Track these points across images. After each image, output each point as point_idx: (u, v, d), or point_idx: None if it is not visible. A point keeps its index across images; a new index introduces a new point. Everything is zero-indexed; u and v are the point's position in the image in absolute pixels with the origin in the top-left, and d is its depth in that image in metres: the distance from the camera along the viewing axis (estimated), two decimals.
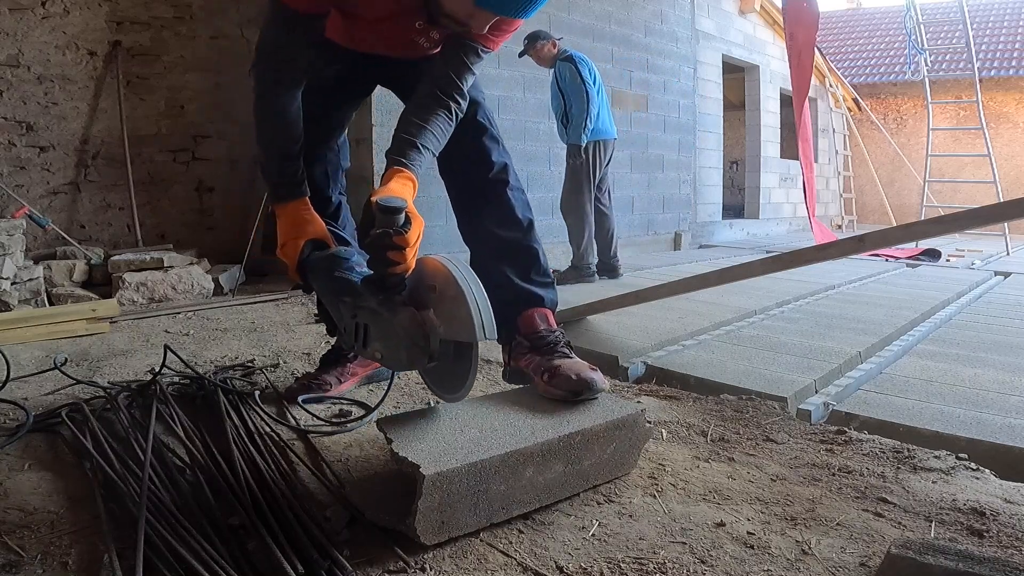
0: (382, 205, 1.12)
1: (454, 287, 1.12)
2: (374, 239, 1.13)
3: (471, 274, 1.15)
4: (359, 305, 1.22)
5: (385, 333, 1.18)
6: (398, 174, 1.26)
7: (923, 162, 7.65)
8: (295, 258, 1.36)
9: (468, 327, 1.10)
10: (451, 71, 1.37)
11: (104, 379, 1.81)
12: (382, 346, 1.20)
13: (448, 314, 1.14)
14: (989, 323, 3.09)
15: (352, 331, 1.25)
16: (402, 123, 1.37)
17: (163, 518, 1.01)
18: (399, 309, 1.16)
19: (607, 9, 5.44)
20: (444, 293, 1.14)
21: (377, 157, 3.79)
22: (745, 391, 1.88)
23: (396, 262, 1.14)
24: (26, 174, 3.74)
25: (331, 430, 1.49)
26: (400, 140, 1.33)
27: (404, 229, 1.13)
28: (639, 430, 1.27)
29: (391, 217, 1.12)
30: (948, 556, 0.90)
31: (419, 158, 1.31)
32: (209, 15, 4.23)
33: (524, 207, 1.58)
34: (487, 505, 1.06)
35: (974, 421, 1.70)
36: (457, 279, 1.12)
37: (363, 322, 1.22)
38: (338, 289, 1.28)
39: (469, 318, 1.09)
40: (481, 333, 1.09)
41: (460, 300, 1.11)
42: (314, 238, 1.38)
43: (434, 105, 1.36)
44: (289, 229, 1.39)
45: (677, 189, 6.40)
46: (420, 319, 1.15)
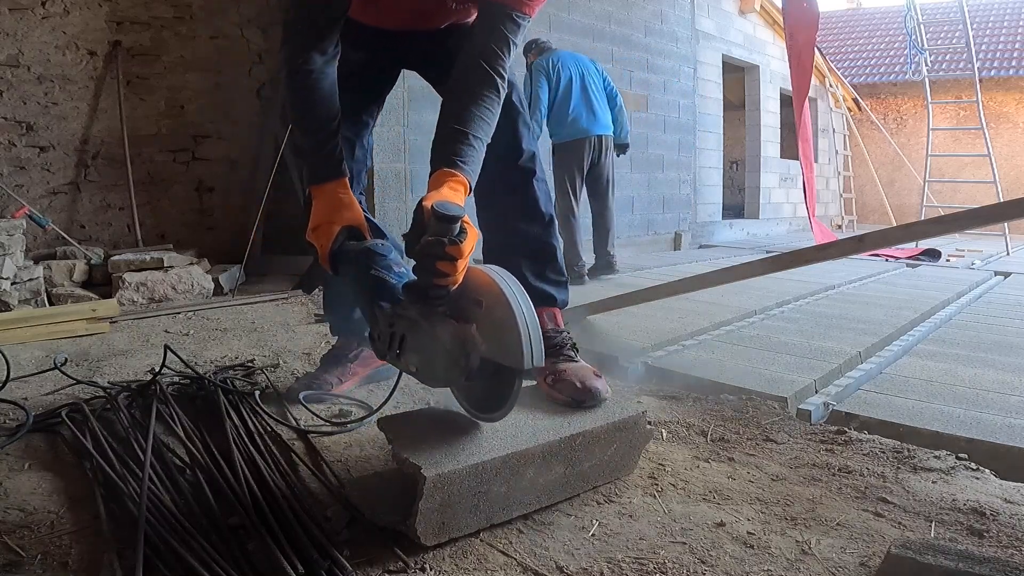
0: (439, 212, 1.03)
1: (504, 307, 1.05)
2: (425, 247, 1.05)
3: (522, 293, 1.07)
4: (398, 313, 1.14)
5: (423, 346, 1.11)
6: (451, 178, 1.18)
7: (923, 162, 7.65)
8: (328, 245, 1.27)
9: (516, 353, 1.03)
10: (491, 43, 1.28)
11: (104, 379, 1.81)
12: (418, 359, 1.13)
13: (494, 334, 1.07)
14: (989, 323, 3.09)
15: (387, 339, 1.17)
16: (447, 110, 1.28)
17: (163, 518, 1.01)
18: (441, 322, 1.08)
19: (607, 9, 5.44)
20: (492, 311, 1.07)
21: (378, 157, 3.79)
22: (745, 391, 1.88)
23: (446, 274, 1.06)
24: (26, 174, 3.74)
25: (331, 430, 1.49)
26: (449, 134, 1.23)
27: (459, 239, 1.05)
28: (640, 432, 1.27)
29: (447, 226, 1.04)
30: (948, 556, 0.90)
31: (472, 155, 1.22)
32: (209, 15, 4.23)
33: (547, 200, 1.56)
34: (487, 506, 1.06)
35: (974, 421, 1.69)
36: (508, 298, 1.05)
37: (400, 332, 1.14)
38: (375, 290, 1.21)
39: (518, 344, 1.03)
40: (530, 361, 1.03)
41: (510, 323, 1.04)
42: (350, 224, 1.29)
43: (479, 85, 1.26)
44: (324, 211, 1.30)
45: (677, 189, 6.40)
46: (462, 335, 1.08)
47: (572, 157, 4.08)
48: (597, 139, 4.11)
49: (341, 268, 1.29)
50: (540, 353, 1.04)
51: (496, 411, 1.11)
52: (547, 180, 1.57)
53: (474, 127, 1.23)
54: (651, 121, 6.00)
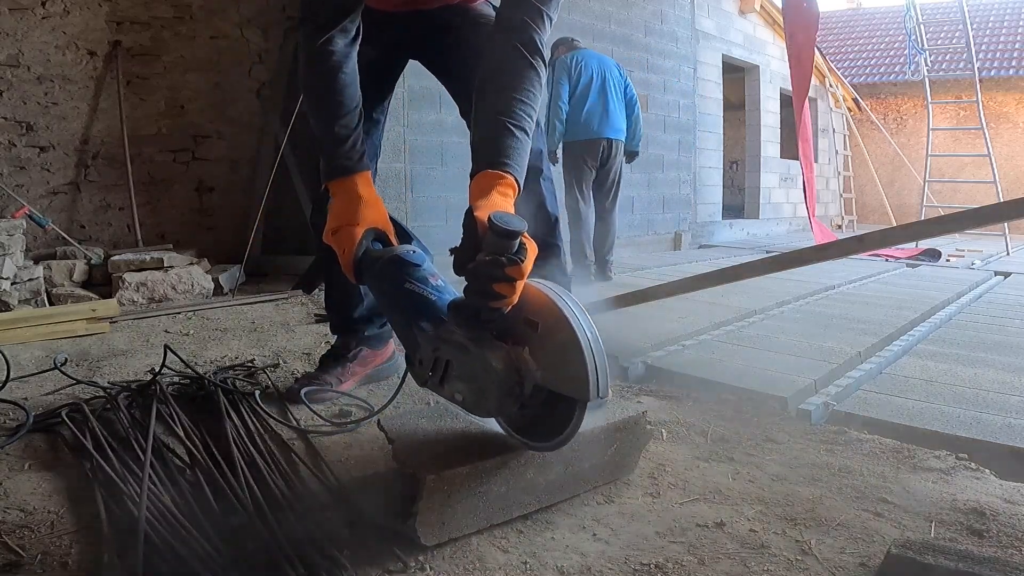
0: (499, 228, 0.92)
1: (566, 331, 0.94)
2: (482, 266, 0.94)
3: (584, 313, 0.96)
4: (442, 337, 1.03)
5: (472, 374, 1.00)
6: (499, 182, 1.05)
7: (923, 162, 7.65)
8: (352, 251, 1.15)
9: (580, 383, 0.93)
10: (524, 16, 1.15)
11: (104, 379, 1.81)
12: (465, 387, 1.02)
13: (552, 360, 0.97)
14: (989, 323, 3.09)
15: (429, 364, 1.06)
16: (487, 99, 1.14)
17: (163, 518, 1.01)
18: (492, 348, 0.98)
19: (607, 9, 5.44)
20: (550, 334, 0.96)
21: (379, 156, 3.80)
22: (745, 391, 1.88)
23: (503, 296, 0.95)
24: (26, 174, 3.74)
25: (331, 430, 1.49)
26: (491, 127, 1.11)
27: (520, 258, 0.94)
28: (640, 432, 1.27)
29: (507, 242, 0.93)
30: (948, 556, 0.90)
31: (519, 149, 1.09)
32: (209, 15, 4.23)
33: (553, 200, 1.52)
34: (487, 506, 1.06)
35: (974, 421, 1.69)
36: (570, 321, 0.94)
37: (446, 357, 1.03)
38: (413, 309, 1.09)
39: (583, 373, 0.92)
40: (595, 391, 0.92)
41: (573, 348, 0.93)
42: (373, 227, 1.17)
43: (519, 68, 1.13)
44: (345, 210, 1.18)
45: (677, 189, 6.40)
46: (516, 362, 0.98)
47: (581, 156, 4.07)
48: (607, 142, 4.09)
49: (367, 278, 1.17)
50: (606, 382, 0.94)
51: (551, 440, 1.02)
52: (553, 179, 1.55)
53: (518, 116, 1.11)
54: (651, 121, 6.00)
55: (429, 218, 3.97)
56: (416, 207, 3.97)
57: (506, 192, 1.06)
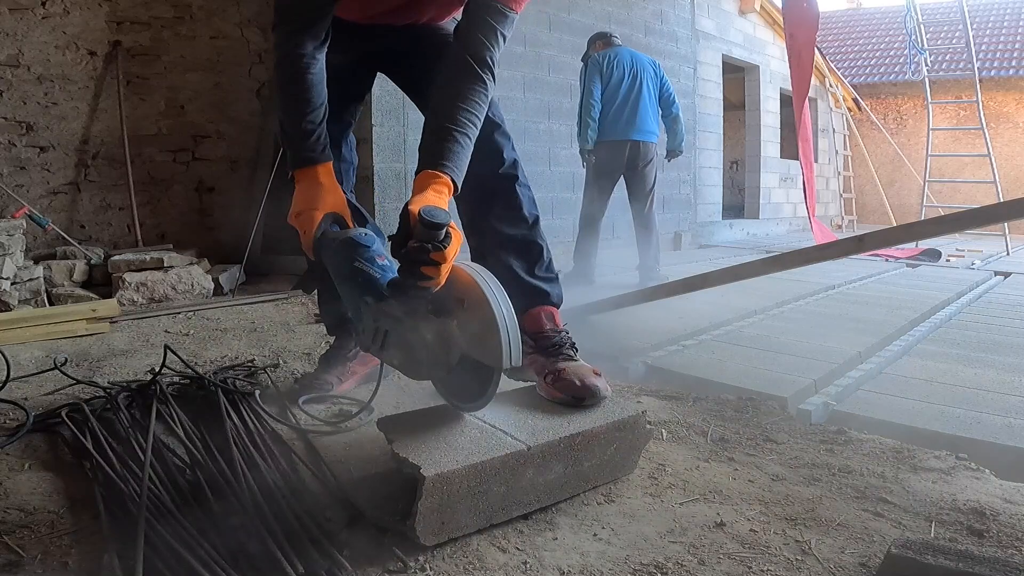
0: (426, 219, 1.06)
1: (485, 308, 1.08)
2: (411, 252, 1.08)
3: (502, 293, 1.11)
4: (382, 309, 1.18)
5: (407, 342, 1.15)
6: (435, 180, 1.19)
7: (923, 162, 7.65)
8: (311, 232, 1.29)
9: (496, 353, 1.08)
10: (480, 35, 1.28)
11: (104, 379, 1.81)
12: (401, 354, 1.17)
13: (475, 333, 1.11)
14: (989, 323, 3.09)
15: (371, 333, 1.21)
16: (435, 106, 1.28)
17: (163, 518, 1.01)
18: (424, 320, 1.13)
19: (607, 9, 5.44)
20: (473, 311, 1.11)
21: (377, 157, 3.80)
22: (745, 391, 1.88)
23: (430, 277, 1.09)
24: (26, 174, 3.74)
25: (331, 430, 1.49)
26: (435, 132, 1.25)
27: (444, 244, 1.08)
28: (640, 431, 1.27)
29: (433, 232, 1.07)
30: (948, 556, 0.90)
31: (459, 153, 1.23)
32: (209, 15, 4.23)
33: (531, 204, 1.57)
34: (487, 506, 1.06)
35: (974, 421, 1.70)
36: (489, 300, 1.09)
37: (384, 327, 1.18)
38: (359, 285, 1.23)
39: (498, 345, 1.07)
40: (508, 360, 1.07)
41: (490, 324, 1.07)
42: (332, 211, 1.31)
43: (468, 79, 1.27)
44: (307, 197, 1.31)
45: (677, 189, 6.40)
46: (444, 333, 1.12)
47: (606, 159, 3.95)
48: (634, 145, 3.96)
49: (323, 256, 1.30)
50: (519, 353, 1.08)
51: (474, 402, 1.17)
52: (529, 185, 1.59)
53: (461, 123, 1.24)
54: None
55: None
56: None
57: (440, 190, 1.19)
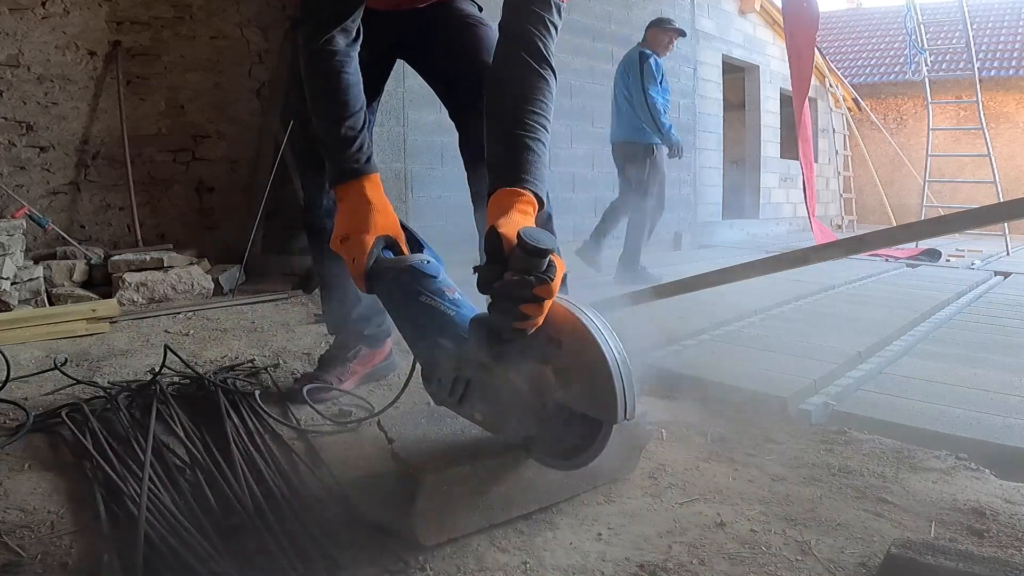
0: (529, 245, 0.88)
1: (592, 351, 0.90)
2: (509, 286, 0.90)
3: (611, 332, 0.93)
4: (465, 356, 0.99)
5: (494, 394, 0.97)
6: (518, 199, 1.02)
7: (923, 162, 7.65)
8: (363, 260, 1.10)
9: (607, 406, 0.89)
10: (530, 27, 1.13)
11: (104, 379, 1.81)
12: (486, 407, 1.00)
13: (576, 380, 0.94)
14: (989, 323, 3.09)
15: (449, 383, 1.02)
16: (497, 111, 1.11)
17: (163, 518, 1.01)
18: (517, 368, 0.94)
19: (607, 9, 5.44)
20: (575, 354, 0.93)
21: (378, 157, 3.78)
22: (745, 391, 1.88)
23: (529, 317, 0.91)
24: (26, 174, 3.74)
25: (331, 430, 1.49)
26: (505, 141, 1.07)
27: (548, 276, 0.90)
28: (640, 432, 1.27)
29: (536, 261, 0.89)
30: (948, 556, 0.90)
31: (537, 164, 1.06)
32: (209, 15, 4.23)
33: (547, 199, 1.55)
34: (487, 506, 1.06)
35: (974, 421, 1.69)
36: (597, 341, 0.90)
37: (466, 377, 1.00)
38: (431, 324, 1.05)
39: (611, 395, 0.88)
40: (623, 413, 0.89)
41: (599, 369, 0.89)
42: (384, 234, 1.13)
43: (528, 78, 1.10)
44: (354, 217, 1.13)
45: (677, 189, 6.39)
46: (539, 381, 0.95)
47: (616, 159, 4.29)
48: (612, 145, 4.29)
49: (378, 289, 1.13)
50: (633, 403, 0.90)
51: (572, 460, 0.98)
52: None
53: (531, 128, 1.08)
54: None
55: (429, 218, 3.97)
56: (416, 207, 3.97)
57: (526, 210, 1.02)
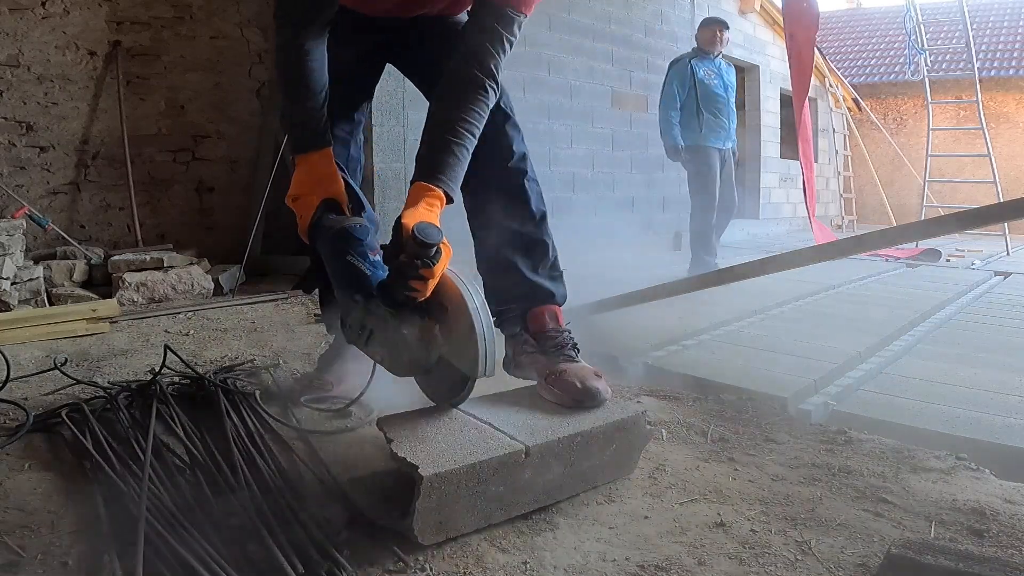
0: (418, 237, 1.09)
1: (466, 317, 1.14)
2: (400, 266, 1.13)
3: (483, 303, 1.16)
4: (371, 309, 1.22)
5: (391, 341, 1.20)
6: (428, 193, 1.21)
7: (923, 162, 7.65)
8: (308, 218, 1.32)
9: (472, 363, 1.14)
10: (485, 41, 1.29)
11: (104, 379, 1.81)
12: (385, 351, 1.23)
13: (454, 340, 1.17)
14: (989, 323, 3.09)
15: (357, 328, 1.27)
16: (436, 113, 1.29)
17: (163, 518, 1.01)
18: (408, 323, 1.18)
19: (607, 9, 5.44)
20: (455, 319, 1.16)
21: (377, 157, 3.79)
22: (745, 391, 1.88)
23: (416, 290, 1.14)
24: (26, 174, 3.74)
25: (331, 430, 1.49)
26: (433, 142, 1.27)
27: (433, 262, 1.11)
28: (639, 432, 1.27)
29: (424, 250, 1.10)
30: (948, 556, 0.90)
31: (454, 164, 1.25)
32: (209, 15, 4.23)
33: (539, 199, 1.55)
34: (486, 505, 1.06)
35: (974, 421, 1.69)
36: (470, 310, 1.14)
37: (371, 326, 1.23)
38: (350, 281, 1.27)
39: (475, 357, 1.13)
40: (482, 371, 1.14)
41: (469, 335, 1.13)
42: (330, 197, 1.33)
43: (469, 88, 1.28)
44: (306, 181, 1.33)
45: (677, 189, 6.39)
46: (426, 335, 1.18)
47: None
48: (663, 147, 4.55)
49: (318, 244, 1.32)
50: (493, 363, 1.15)
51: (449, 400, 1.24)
52: (538, 180, 1.57)
53: (459, 134, 1.26)
54: (651, 121, 5.98)
55: None
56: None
57: (433, 203, 1.20)
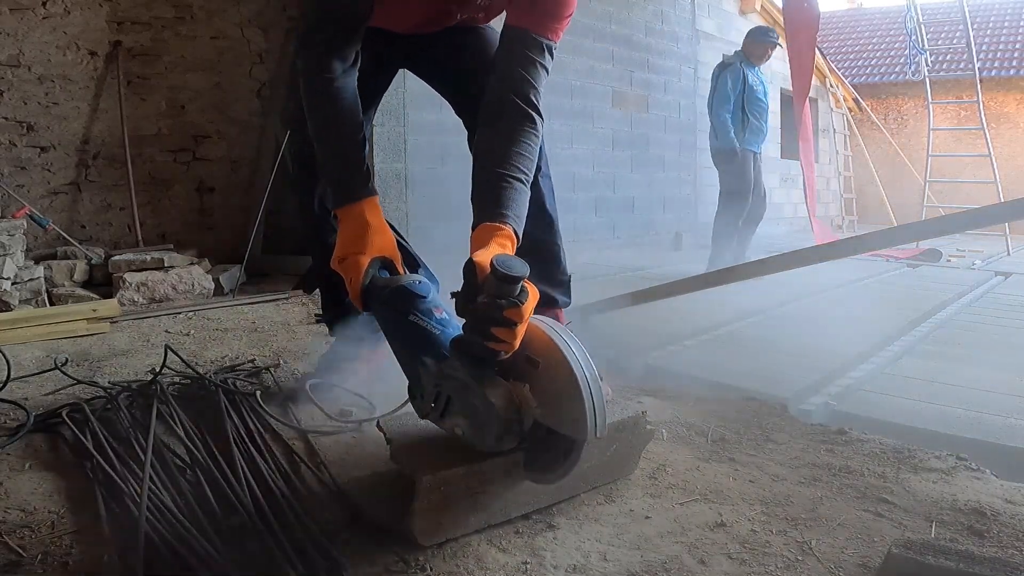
0: (501, 272, 0.94)
1: (565, 371, 0.97)
2: (483, 309, 0.97)
3: (583, 353, 0.99)
4: (444, 373, 1.05)
5: (472, 410, 1.02)
6: (498, 233, 1.09)
7: (924, 162, 7.65)
8: (359, 281, 1.17)
9: (579, 423, 0.96)
10: (521, 70, 1.21)
11: (105, 379, 1.81)
12: (465, 422, 1.04)
13: (551, 399, 1.00)
14: (989, 323, 3.09)
15: (431, 398, 1.08)
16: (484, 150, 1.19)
17: (163, 518, 1.01)
18: (494, 385, 1.00)
19: (607, 9, 5.44)
20: (551, 374, 0.99)
21: (377, 157, 3.80)
22: (745, 391, 1.88)
23: (503, 340, 0.97)
24: (27, 174, 3.74)
25: (331, 430, 1.49)
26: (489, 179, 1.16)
27: (520, 301, 0.96)
28: (640, 432, 1.27)
29: (508, 287, 0.96)
30: (948, 556, 0.90)
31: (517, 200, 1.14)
32: (209, 15, 4.23)
33: (552, 198, 1.53)
34: (486, 506, 1.06)
35: (974, 421, 1.69)
36: (570, 362, 0.97)
37: (447, 393, 1.05)
38: (416, 343, 1.12)
39: (582, 414, 0.95)
40: (593, 431, 0.96)
41: (572, 390, 0.96)
42: (380, 255, 1.20)
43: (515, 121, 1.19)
44: (352, 239, 1.19)
45: (678, 189, 6.40)
46: (516, 399, 1.01)
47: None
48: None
49: (372, 307, 1.19)
50: (603, 422, 0.97)
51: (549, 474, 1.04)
52: (551, 177, 1.55)
53: (515, 169, 1.16)
54: (652, 121, 6.00)
55: (429, 218, 3.97)
56: (416, 207, 3.97)
57: (504, 243, 1.09)
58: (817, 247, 2.21)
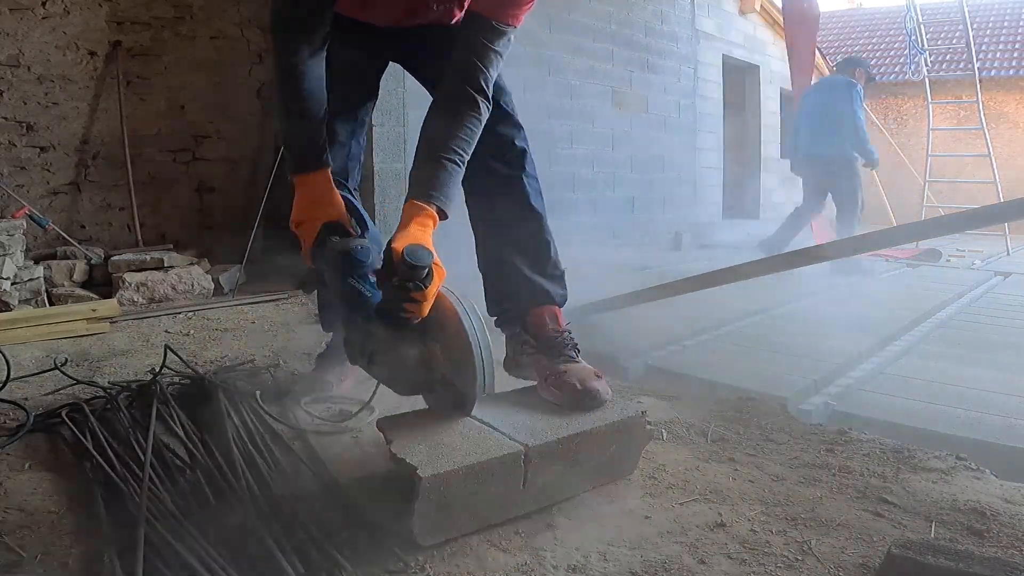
0: (409, 261, 1.10)
1: (463, 339, 1.16)
2: (393, 289, 1.14)
3: (480, 323, 1.18)
4: (370, 331, 1.23)
5: (391, 361, 1.22)
6: (420, 213, 1.21)
7: (923, 162, 7.65)
8: (310, 241, 1.32)
9: (469, 382, 1.16)
10: (474, 57, 1.30)
11: (104, 379, 1.81)
12: (386, 371, 1.25)
13: (453, 361, 1.19)
14: (989, 323, 3.09)
15: (359, 349, 1.28)
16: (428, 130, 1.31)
17: (163, 518, 1.01)
18: (408, 344, 1.20)
19: (607, 9, 5.44)
20: (453, 341, 1.18)
21: (377, 157, 3.79)
22: (745, 391, 1.88)
23: (410, 312, 1.15)
24: (26, 174, 3.74)
25: (331, 430, 1.49)
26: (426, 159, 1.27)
27: (424, 284, 1.12)
28: (640, 432, 1.27)
29: (414, 272, 1.11)
30: (948, 556, 0.90)
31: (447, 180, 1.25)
32: (209, 15, 4.23)
33: (538, 197, 1.56)
34: (486, 506, 1.06)
35: (974, 421, 1.70)
36: (468, 332, 1.16)
37: (371, 347, 1.24)
38: (351, 302, 1.29)
39: (472, 378, 1.15)
40: (482, 389, 1.17)
41: (467, 357, 1.15)
42: (332, 220, 1.33)
43: (460, 105, 1.30)
44: (307, 205, 1.33)
45: (677, 189, 6.40)
46: (427, 356, 1.21)
47: None
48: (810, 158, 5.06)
49: (321, 265, 1.34)
50: (491, 382, 1.18)
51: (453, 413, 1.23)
52: (538, 178, 1.57)
53: (451, 151, 1.27)
54: (652, 121, 6.00)
55: None
56: None
57: (425, 223, 1.21)
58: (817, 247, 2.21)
